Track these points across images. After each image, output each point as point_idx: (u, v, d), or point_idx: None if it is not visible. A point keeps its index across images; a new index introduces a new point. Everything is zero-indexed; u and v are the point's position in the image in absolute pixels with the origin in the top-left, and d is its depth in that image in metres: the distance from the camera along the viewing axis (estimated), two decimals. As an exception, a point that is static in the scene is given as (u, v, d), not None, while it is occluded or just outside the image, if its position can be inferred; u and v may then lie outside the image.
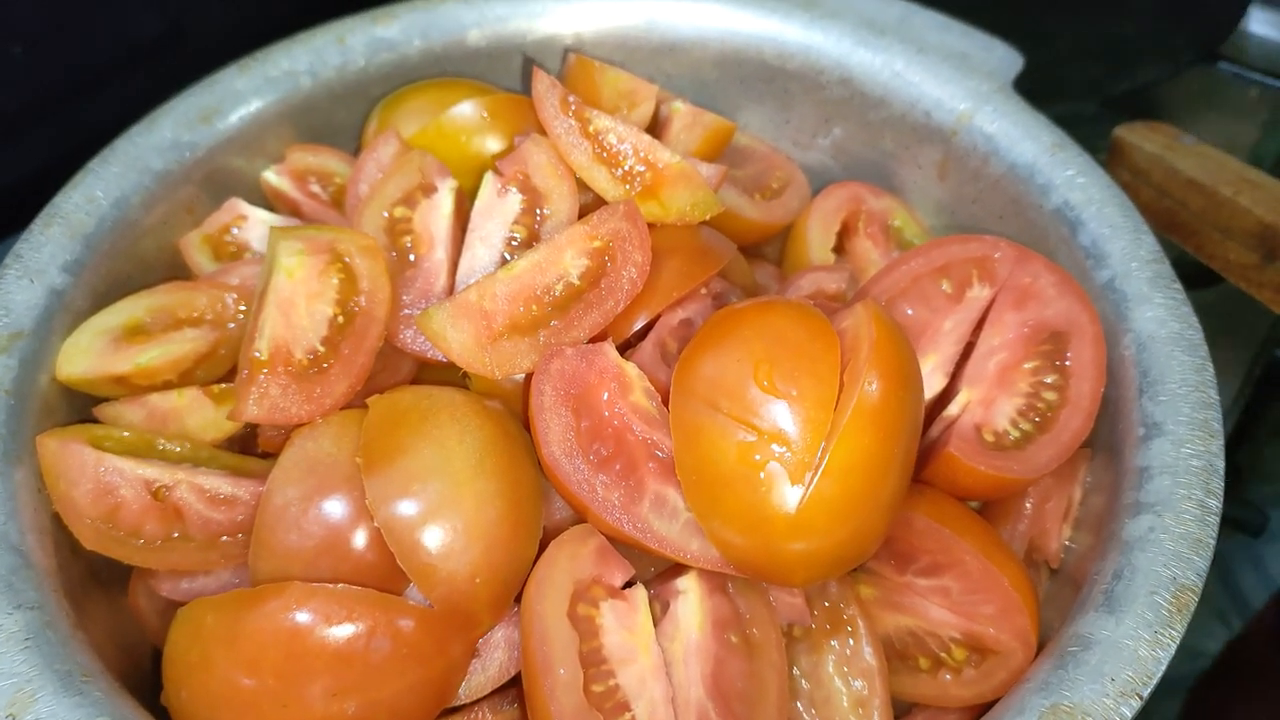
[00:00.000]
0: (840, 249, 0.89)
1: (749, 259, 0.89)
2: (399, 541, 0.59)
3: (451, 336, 0.64)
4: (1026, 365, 0.68)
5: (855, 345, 0.57)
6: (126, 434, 0.67)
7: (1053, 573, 0.69)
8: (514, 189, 0.74)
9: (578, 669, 0.53)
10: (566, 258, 0.66)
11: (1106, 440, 0.67)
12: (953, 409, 0.67)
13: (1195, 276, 1.00)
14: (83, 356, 0.68)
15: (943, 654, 0.63)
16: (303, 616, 0.56)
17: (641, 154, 0.73)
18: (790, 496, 0.54)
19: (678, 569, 0.60)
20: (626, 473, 0.59)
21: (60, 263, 0.71)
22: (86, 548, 0.62)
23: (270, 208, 0.86)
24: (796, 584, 0.58)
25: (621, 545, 0.60)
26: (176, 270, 0.80)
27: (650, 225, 0.72)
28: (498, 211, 0.73)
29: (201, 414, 0.69)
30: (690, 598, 0.59)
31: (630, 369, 0.62)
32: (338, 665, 0.56)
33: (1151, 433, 0.63)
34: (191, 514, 0.64)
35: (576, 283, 0.66)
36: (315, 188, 0.86)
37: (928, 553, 0.63)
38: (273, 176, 0.85)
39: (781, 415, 0.55)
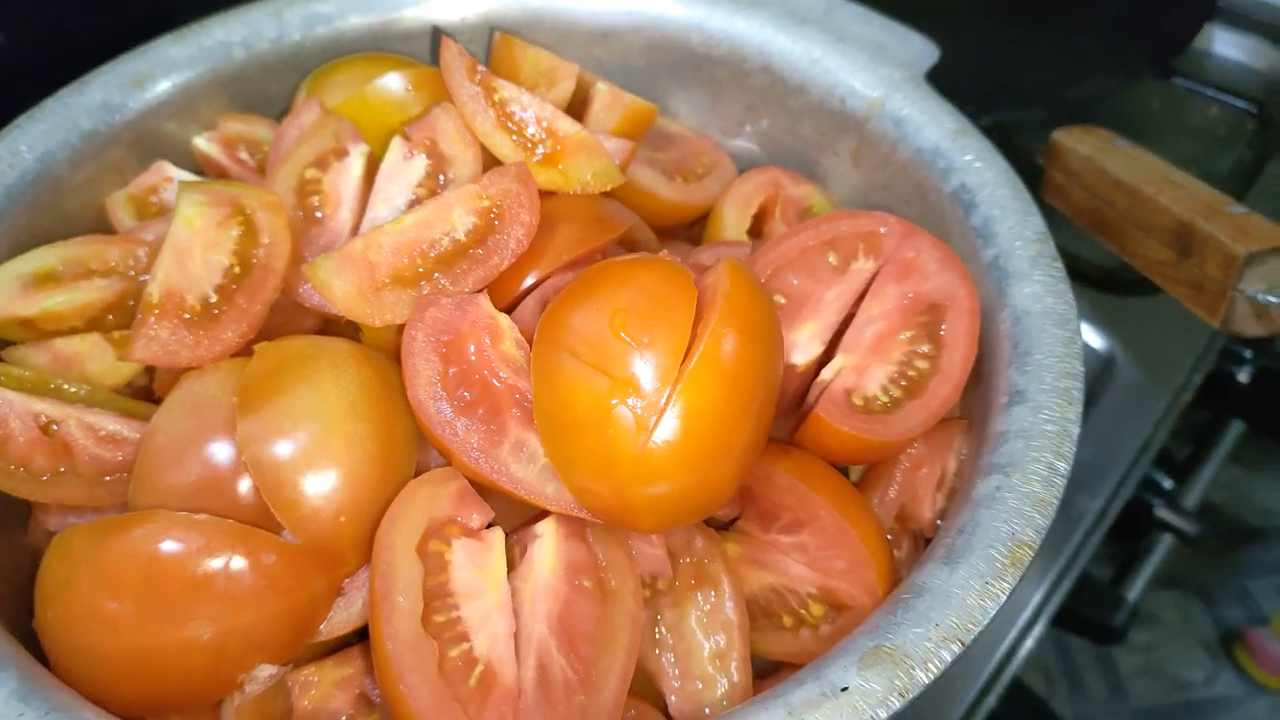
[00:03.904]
0: (757, 232, 0.90)
1: (670, 242, 0.91)
2: (266, 478, 0.60)
3: (335, 285, 0.66)
4: (903, 335, 0.69)
5: (712, 299, 0.59)
6: (25, 373, 0.69)
7: (927, 543, 0.70)
8: (420, 153, 0.76)
9: (418, 599, 0.54)
10: (454, 214, 0.68)
11: (979, 413, 0.68)
12: (826, 374, 0.68)
13: (1140, 283, 1.01)
14: (-10, 299, 0.71)
15: (802, 610, 0.64)
16: (165, 543, 0.58)
17: (544, 123, 0.76)
18: (636, 441, 0.56)
19: (542, 516, 0.62)
20: (489, 417, 0.61)
21: (-22, 209, 0.74)
22: (-26, 479, 0.64)
23: (200, 173, 0.88)
24: (645, 529, 0.60)
25: (489, 495, 0.62)
26: (101, 228, 0.83)
27: (550, 193, 0.75)
28: (402, 174, 0.75)
29: (102, 359, 0.71)
30: (546, 541, 0.60)
31: (503, 320, 0.64)
32: (196, 592, 0.57)
33: (1014, 400, 0.64)
34: (79, 450, 0.66)
35: (463, 239, 0.68)
36: (244, 155, 0.88)
37: (789, 509, 0.64)
38: (203, 143, 0.88)
39: (634, 362, 0.57)
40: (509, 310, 0.68)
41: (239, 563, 0.58)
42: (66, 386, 0.69)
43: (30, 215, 0.77)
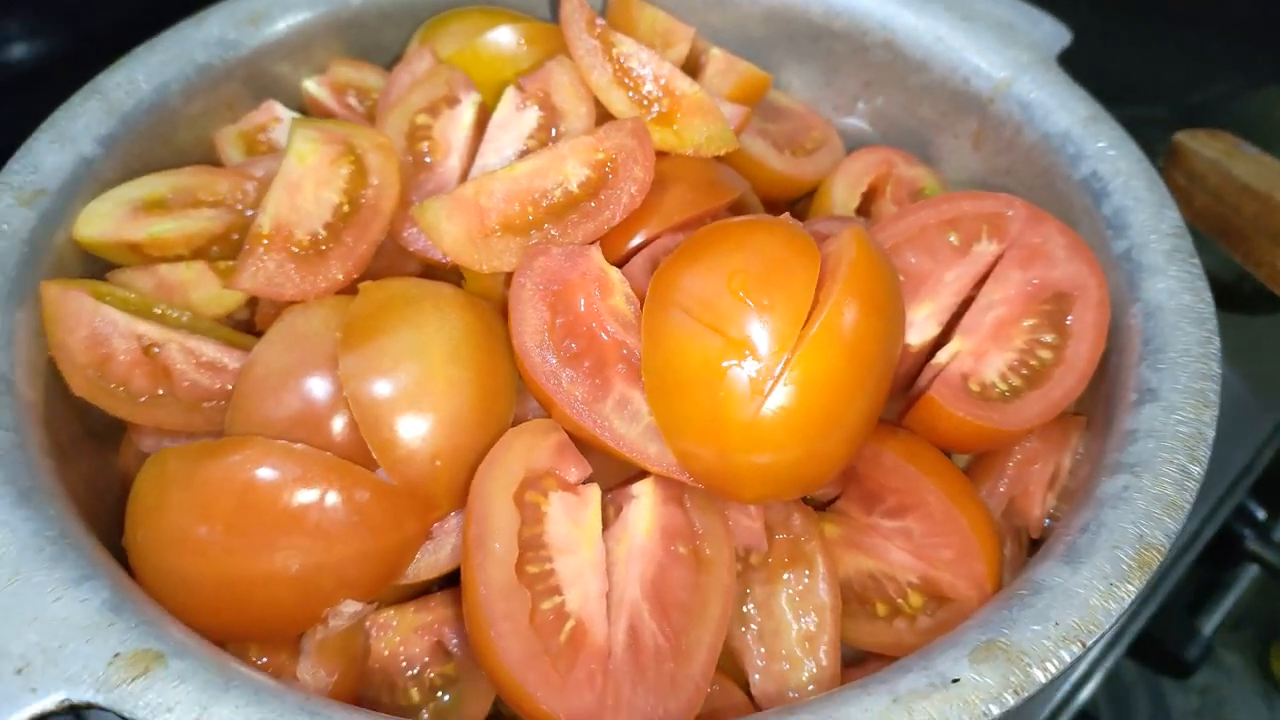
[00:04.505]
0: (865, 212, 0.87)
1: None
2: (365, 415, 0.59)
3: (444, 228, 0.65)
4: (1025, 323, 0.66)
5: (836, 267, 0.56)
6: (130, 295, 0.69)
7: (1033, 543, 0.67)
8: (533, 105, 0.74)
9: (513, 548, 0.53)
10: (568, 165, 0.67)
11: (1103, 410, 0.65)
12: (942, 356, 0.65)
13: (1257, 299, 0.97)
14: (101, 220, 0.71)
15: (900, 600, 0.62)
16: (260, 470, 0.57)
17: (662, 81, 0.74)
18: (748, 406, 0.54)
19: (639, 477, 0.60)
20: (595, 371, 0.59)
21: (94, 134, 0.74)
22: (75, 393, 0.64)
23: (308, 115, 0.88)
24: (747, 499, 0.57)
25: (588, 450, 0.60)
26: (210, 161, 0.83)
27: (664, 153, 0.73)
28: (514, 125, 0.74)
29: (206, 287, 0.71)
30: (643, 502, 0.58)
31: (614, 274, 0.62)
32: (287, 522, 0.57)
33: (1144, 398, 0.60)
34: (178, 374, 0.66)
35: (575, 191, 0.66)
36: (353, 101, 0.88)
37: (894, 492, 0.61)
38: (313, 86, 0.87)
39: (750, 324, 0.54)
40: (618, 267, 0.66)
41: (333, 497, 0.57)
42: (170, 312, 0.69)
43: (143, 144, 0.77)
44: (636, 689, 0.52)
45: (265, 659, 0.60)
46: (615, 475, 0.62)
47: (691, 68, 0.87)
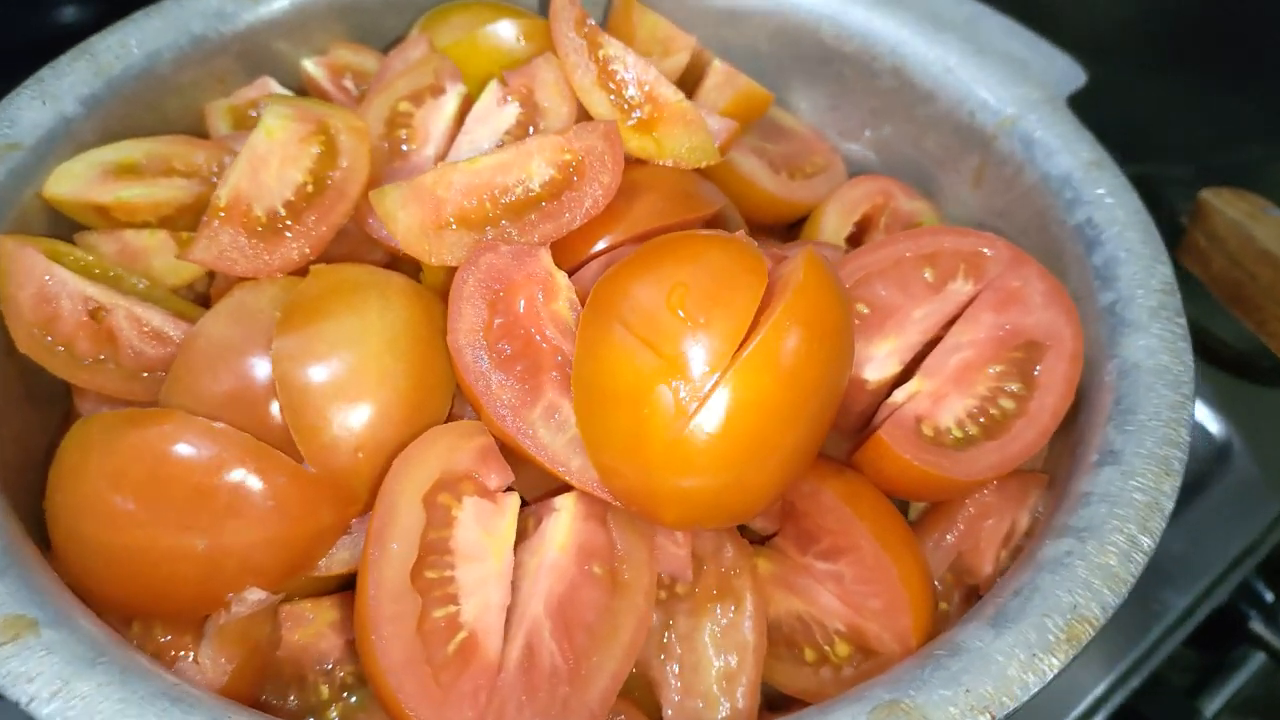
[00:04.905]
0: (858, 242, 0.85)
1: (764, 239, 0.87)
2: (291, 399, 0.58)
3: (399, 217, 0.63)
4: (991, 369, 0.63)
5: (782, 289, 0.54)
6: (89, 257, 0.68)
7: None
8: (515, 101, 0.73)
9: (413, 550, 0.51)
10: (533, 163, 0.65)
11: (1063, 468, 0.62)
12: (898, 395, 0.62)
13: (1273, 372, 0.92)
14: (71, 180, 0.71)
15: (827, 647, 0.59)
16: (177, 445, 0.56)
17: (645, 87, 0.72)
18: (673, 426, 0.51)
19: (563, 492, 0.58)
20: (527, 376, 0.57)
21: (78, 94, 0.74)
22: (19, 349, 0.63)
23: (304, 96, 0.87)
24: (668, 523, 0.55)
25: (516, 461, 0.58)
26: (198, 132, 0.82)
27: (642, 161, 0.71)
28: (492, 119, 0.72)
29: (167, 256, 0.70)
30: (562, 517, 0.56)
31: (560, 277, 0.60)
32: (199, 500, 0.55)
33: (1105, 459, 0.57)
34: (123, 341, 0.65)
35: (537, 190, 0.65)
36: (349, 84, 0.87)
37: (830, 534, 0.59)
38: (310, 66, 0.87)
39: (684, 341, 0.52)
40: (573, 273, 0.64)
41: (248, 479, 0.56)
42: (127, 277, 0.69)
43: (128, 109, 0.77)
44: (523, 711, 0.50)
45: (169, 637, 0.59)
46: (542, 487, 0.60)
47: (693, 79, 0.85)
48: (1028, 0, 0.92)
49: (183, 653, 0.58)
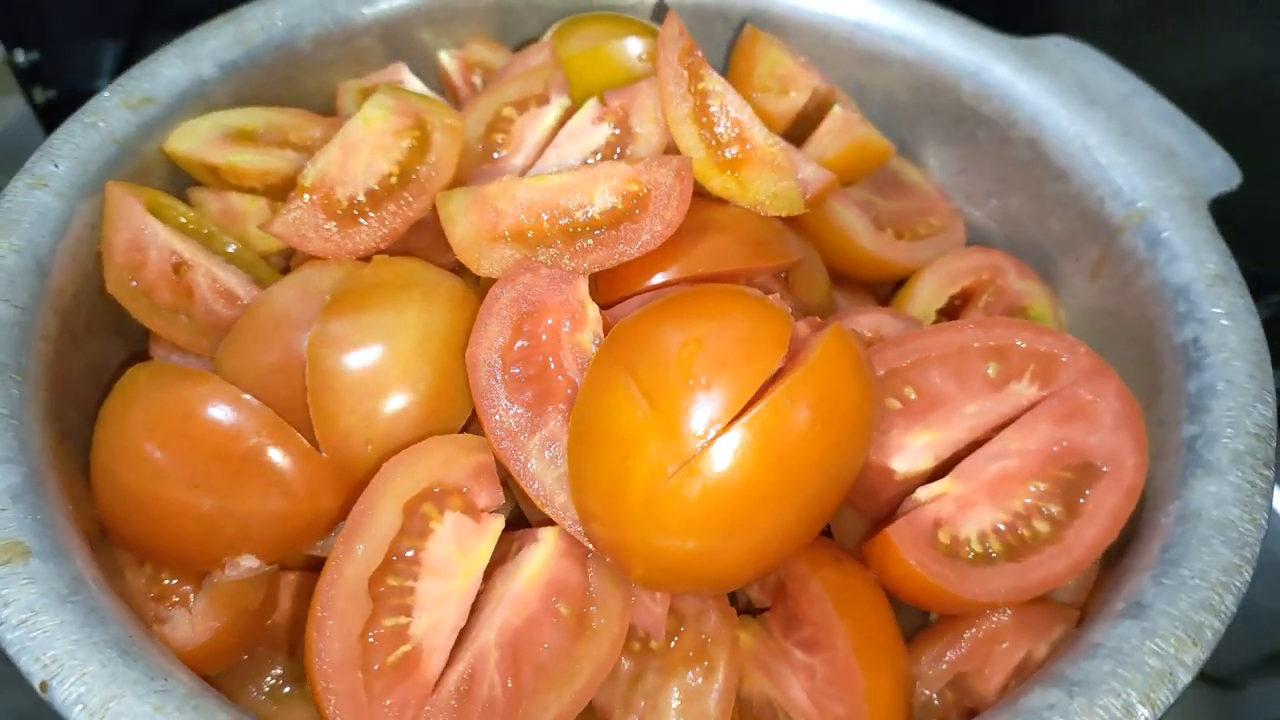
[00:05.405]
0: (954, 317, 0.80)
1: (856, 295, 0.83)
2: (316, 380, 0.60)
3: (459, 221, 0.64)
4: (1034, 485, 0.57)
5: (799, 364, 0.51)
6: (191, 214, 0.73)
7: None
8: (609, 122, 0.73)
9: (378, 554, 0.52)
10: (598, 189, 0.64)
11: (1090, 607, 0.56)
12: (921, 493, 0.58)
13: None
14: (192, 138, 0.76)
15: (789, 741, 0.55)
16: (205, 407, 0.59)
17: (737, 128, 0.70)
18: (650, 483, 0.50)
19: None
20: (534, 403, 0.57)
21: (218, 59, 0.79)
22: (108, 289, 0.68)
23: (439, 86, 0.90)
24: (635, 579, 0.53)
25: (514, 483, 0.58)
26: (329, 110, 0.87)
27: (724, 201, 0.69)
28: (584, 137, 0.72)
29: (261, 222, 0.74)
30: (540, 550, 0.55)
31: (592, 310, 0.59)
32: (212, 460, 0.58)
33: (1130, 611, 0.51)
34: (199, 296, 0.69)
35: (596, 217, 0.64)
36: (477, 80, 0.89)
37: (812, 625, 0.55)
38: (445, 57, 0.89)
39: (685, 400, 0.50)
40: (617, 305, 0.63)
41: (260, 452, 0.58)
42: (220, 237, 0.73)
43: (264, 78, 0.82)
44: (447, 736, 0.50)
45: (174, 582, 0.62)
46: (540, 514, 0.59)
47: (817, 120, 0.82)
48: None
49: (178, 600, 0.62)
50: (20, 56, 1.26)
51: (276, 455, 0.58)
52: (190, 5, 0.88)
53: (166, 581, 0.62)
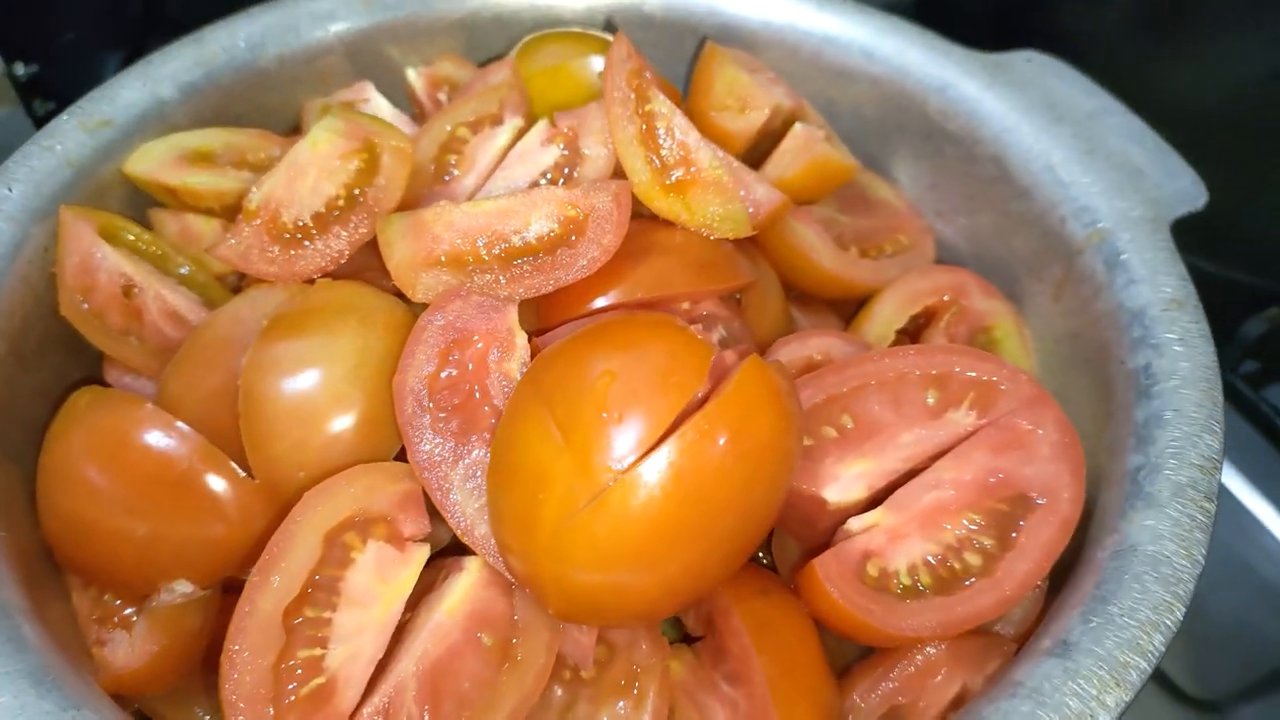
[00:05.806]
0: (915, 338, 0.78)
1: (818, 315, 0.82)
2: (248, 406, 0.60)
3: (398, 246, 0.64)
4: (967, 518, 0.56)
5: (714, 394, 0.50)
6: (146, 236, 0.74)
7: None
8: (559, 144, 0.72)
9: (294, 585, 0.52)
10: (535, 214, 0.64)
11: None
12: (852, 524, 0.57)
13: None
14: (149, 160, 0.76)
15: (712, 775, 0.55)
16: (139, 432, 0.59)
17: (683, 150, 0.69)
18: (558, 516, 0.49)
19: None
20: (459, 433, 0.57)
21: (178, 81, 0.79)
22: (61, 312, 0.69)
23: (405, 103, 0.90)
24: (552, 611, 0.53)
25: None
26: (295, 128, 0.87)
27: (669, 223, 0.69)
28: (533, 159, 0.72)
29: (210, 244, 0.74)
30: (463, 580, 0.55)
31: (520, 339, 0.59)
32: (146, 486, 0.58)
33: (1055, 650, 0.50)
34: (149, 319, 0.70)
35: (532, 242, 0.64)
36: (443, 97, 0.89)
37: (734, 658, 0.55)
38: (412, 74, 0.89)
39: (596, 433, 0.50)
40: (553, 330, 0.63)
41: (193, 479, 0.59)
42: (174, 259, 0.73)
43: (223, 98, 0.82)
44: (359, 770, 0.49)
45: (119, 603, 0.63)
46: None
47: (781, 137, 0.81)
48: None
49: (120, 622, 0.62)
50: (20, 69, 1.27)
51: (210, 481, 0.59)
52: (191, 17, 0.89)
53: (110, 604, 0.63)
